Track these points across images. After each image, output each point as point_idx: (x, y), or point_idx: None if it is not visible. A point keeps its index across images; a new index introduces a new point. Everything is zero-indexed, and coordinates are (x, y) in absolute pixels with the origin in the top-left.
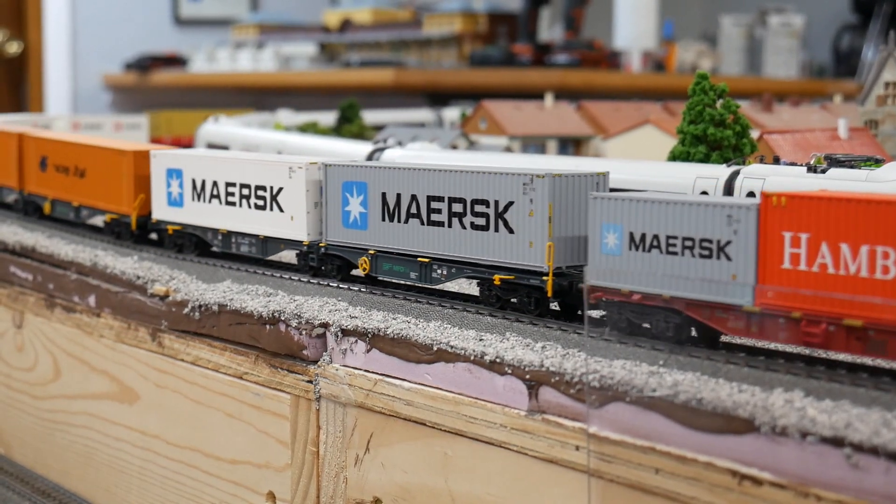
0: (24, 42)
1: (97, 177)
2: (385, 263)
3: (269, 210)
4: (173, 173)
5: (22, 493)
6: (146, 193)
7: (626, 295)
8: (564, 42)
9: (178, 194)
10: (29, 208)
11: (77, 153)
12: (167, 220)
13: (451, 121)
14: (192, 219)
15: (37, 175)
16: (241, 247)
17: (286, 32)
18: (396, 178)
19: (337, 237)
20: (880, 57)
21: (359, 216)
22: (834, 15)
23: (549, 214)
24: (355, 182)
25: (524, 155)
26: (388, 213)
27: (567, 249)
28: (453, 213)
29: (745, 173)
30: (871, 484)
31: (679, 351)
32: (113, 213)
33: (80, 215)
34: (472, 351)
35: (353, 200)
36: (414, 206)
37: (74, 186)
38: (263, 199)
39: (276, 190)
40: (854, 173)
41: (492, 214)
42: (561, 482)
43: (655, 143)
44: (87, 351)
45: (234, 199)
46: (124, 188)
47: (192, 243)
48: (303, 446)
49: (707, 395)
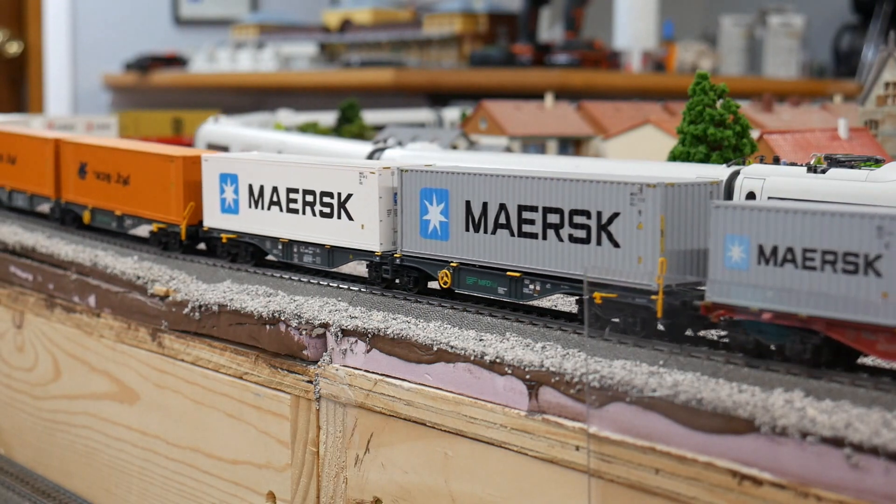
0: (24, 42)
1: (143, 184)
2: (469, 277)
3: (336, 218)
4: (227, 178)
5: (22, 493)
6: (196, 201)
7: (755, 313)
8: (564, 42)
9: (233, 201)
10: (66, 218)
11: (120, 159)
12: (220, 229)
13: (452, 121)
14: (249, 227)
15: (75, 182)
16: (303, 257)
17: (286, 32)
18: (483, 185)
19: (413, 248)
20: (880, 57)
21: (439, 226)
22: (834, 15)
23: (661, 227)
24: (435, 189)
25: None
26: (472, 223)
27: (678, 265)
28: (549, 224)
29: (745, 173)
30: (871, 484)
31: (679, 351)
32: (160, 223)
33: (124, 225)
34: (472, 351)
35: (433, 209)
36: (503, 216)
37: (117, 194)
38: (330, 207)
39: (345, 196)
40: (854, 173)
41: (593, 226)
42: (561, 482)
43: (655, 143)
44: (87, 351)
45: (297, 205)
46: (173, 195)
47: (248, 253)
48: (303, 446)
49: (707, 395)
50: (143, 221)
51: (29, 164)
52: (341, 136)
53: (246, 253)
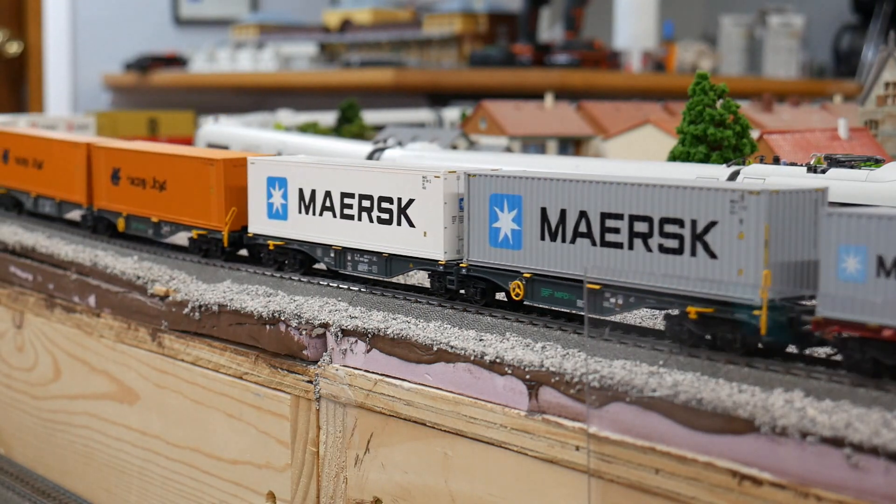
0: (24, 42)
1: (181, 189)
2: (544, 289)
3: (395, 224)
4: (275, 182)
5: (22, 493)
6: (239, 206)
7: (874, 330)
8: (564, 42)
9: (282, 206)
10: (99, 226)
11: (156, 163)
12: (267, 235)
13: (451, 121)
14: (298, 233)
15: (108, 189)
16: (358, 265)
17: (286, 32)
18: (562, 190)
19: (482, 257)
20: (880, 57)
21: (510, 234)
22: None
23: (765, 237)
24: (507, 195)
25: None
26: (549, 232)
27: (782, 278)
28: (636, 233)
29: (745, 173)
30: (871, 484)
31: (679, 351)
32: (200, 229)
33: (161, 232)
34: (472, 351)
35: (504, 216)
36: (583, 224)
37: (153, 200)
38: (389, 213)
39: (406, 202)
40: (854, 173)
41: (687, 236)
42: (561, 482)
43: (655, 143)
44: (87, 351)
45: (352, 211)
46: (214, 200)
47: (297, 260)
48: (303, 446)
49: (707, 395)
50: (182, 228)
51: (58, 170)
52: (341, 136)
53: (294, 261)
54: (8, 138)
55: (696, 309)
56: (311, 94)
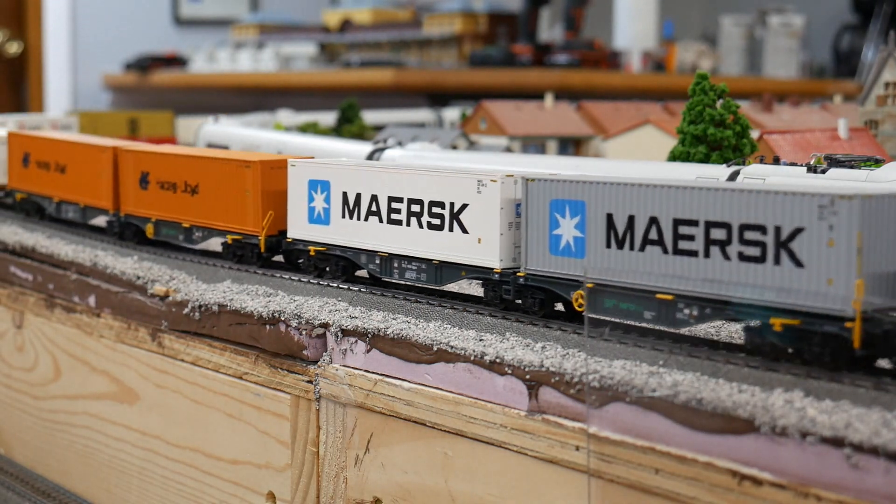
0: (24, 42)
1: (214, 193)
2: (608, 300)
3: (447, 230)
4: (317, 185)
5: (22, 493)
6: (276, 210)
7: None
8: (564, 42)
9: (324, 210)
10: (126, 232)
11: (187, 167)
12: (307, 240)
13: (451, 121)
14: (341, 238)
15: (136, 193)
16: (405, 273)
17: (286, 32)
18: (630, 196)
19: (541, 266)
20: (880, 57)
21: (573, 241)
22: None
23: (857, 245)
24: (569, 200)
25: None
26: (615, 239)
27: (876, 288)
28: (712, 240)
29: (745, 173)
30: (871, 484)
31: (679, 351)
32: (235, 234)
33: (192, 237)
34: (472, 351)
35: (566, 222)
36: (654, 231)
37: (185, 205)
38: (440, 218)
39: (459, 207)
40: (854, 173)
41: (770, 244)
42: (561, 482)
43: (655, 143)
44: (87, 351)
45: (400, 216)
46: (250, 204)
47: (339, 267)
48: (303, 446)
49: (707, 395)
50: (215, 233)
51: (82, 174)
52: (341, 136)
53: (336, 267)
54: (28, 142)
55: (781, 321)
56: (311, 94)
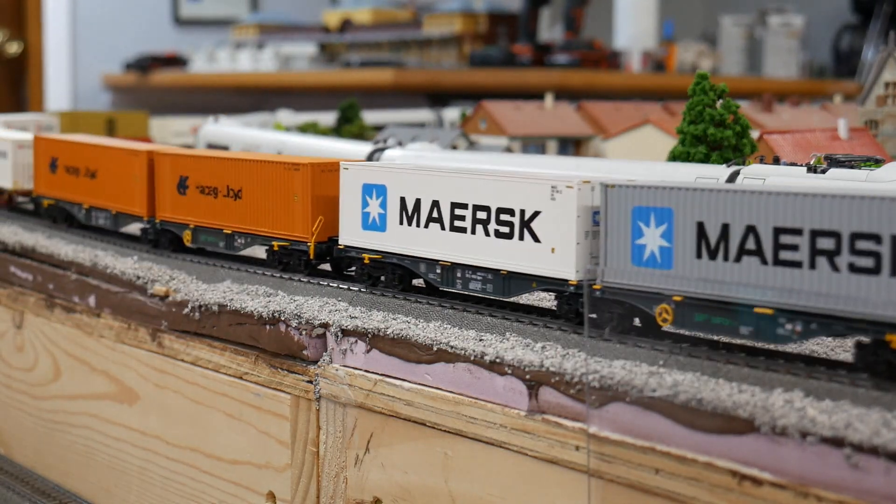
0: (24, 42)
1: (259, 197)
2: (699, 314)
3: (517, 239)
4: (372, 190)
5: (22, 493)
6: (326, 215)
7: None
8: (564, 42)
9: (379, 216)
10: (162, 239)
11: (231, 170)
12: (361, 248)
13: (451, 121)
14: (399, 246)
15: (173, 199)
16: (469, 283)
17: (286, 32)
18: (723, 203)
19: (622, 278)
20: (880, 57)
21: (658, 251)
22: (834, 15)
23: None
24: (654, 208)
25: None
26: (707, 249)
27: None
28: (819, 250)
29: (745, 173)
30: (871, 484)
31: (679, 351)
32: (282, 240)
33: (234, 244)
34: (472, 351)
35: (651, 231)
36: (751, 241)
37: (226, 210)
38: (509, 226)
39: (531, 214)
40: (854, 173)
41: (886, 254)
42: (561, 482)
43: (655, 143)
44: (87, 351)
45: (465, 223)
46: (298, 209)
47: (395, 276)
48: (303, 446)
49: (707, 395)
50: (260, 239)
51: (114, 180)
52: (341, 136)
53: (392, 276)
54: (56, 146)
55: None
56: (311, 94)
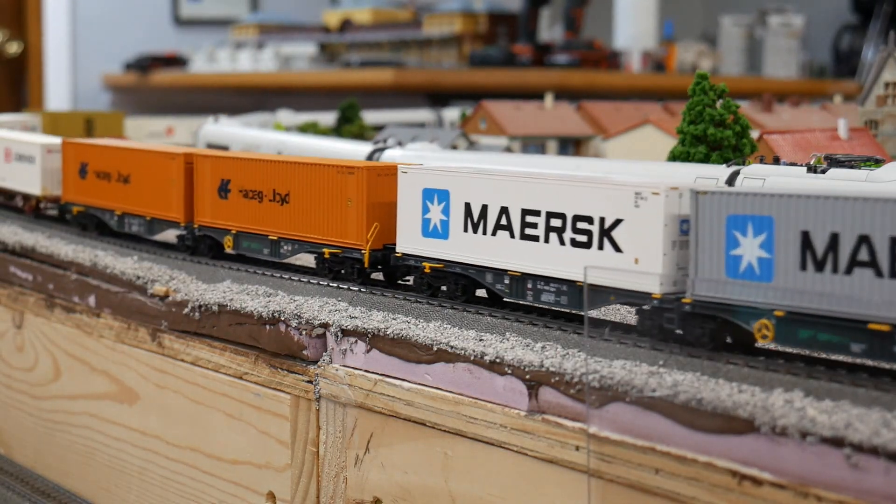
0: (24, 42)
1: (309, 202)
2: (803, 330)
3: (595, 248)
4: (434, 195)
5: (22, 493)
6: (382, 221)
7: None
8: (564, 42)
9: (441, 222)
10: (201, 245)
11: (278, 173)
12: (421, 256)
13: (451, 121)
14: (463, 255)
15: (213, 203)
16: (541, 295)
17: (286, 32)
18: (831, 211)
19: (714, 291)
20: (880, 57)
21: (756, 263)
22: (834, 15)
23: None
24: (752, 216)
25: None
26: (813, 261)
27: None
28: None
29: (745, 173)
30: (871, 484)
31: (679, 351)
32: (333, 247)
33: (280, 251)
34: (472, 351)
35: (748, 241)
36: (864, 252)
37: (272, 215)
38: (587, 234)
39: (611, 222)
40: (854, 173)
41: None
42: (561, 482)
43: (655, 143)
44: (87, 351)
45: (537, 231)
46: (352, 214)
47: (458, 286)
48: (303, 446)
49: (707, 395)
50: (308, 246)
51: (149, 184)
52: (341, 136)
53: (455, 286)
54: (85, 150)
55: None
56: (311, 94)
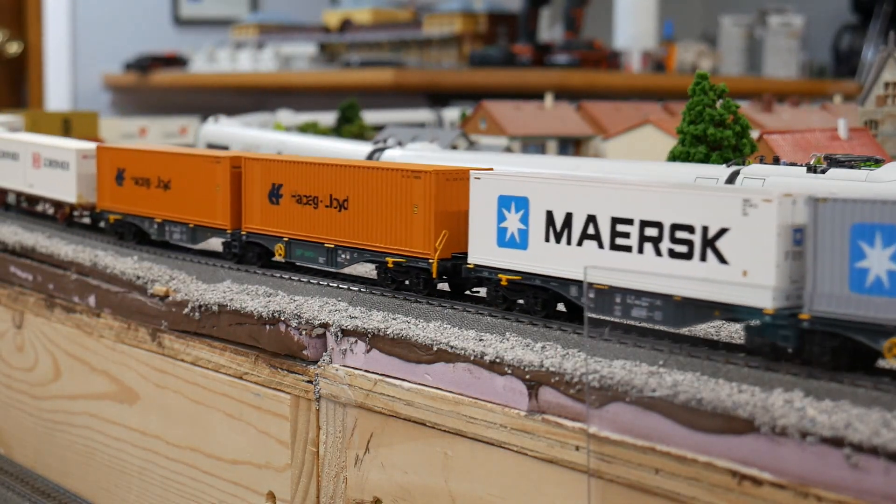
0: (24, 42)
1: (370, 208)
2: None
3: (697, 260)
4: (511, 202)
5: (22, 493)
6: (451, 228)
7: None
8: (564, 42)
9: (520, 231)
10: (249, 254)
11: (336, 178)
12: (496, 268)
13: (451, 121)
14: (544, 266)
15: (263, 209)
16: (631, 310)
17: (286, 32)
18: None
19: (836, 306)
20: (880, 57)
21: (886, 276)
22: (834, 15)
23: None
24: (883, 225)
25: None
26: None
27: None
28: None
29: (745, 173)
30: (871, 484)
31: (679, 351)
32: (397, 256)
33: (337, 260)
34: (472, 351)
35: (877, 253)
36: None
37: (329, 222)
38: (688, 245)
39: (716, 231)
40: (854, 173)
41: None
42: (561, 482)
43: (655, 143)
44: (87, 351)
45: (629, 241)
46: (418, 222)
47: (538, 300)
48: (303, 446)
49: (707, 395)
50: (368, 254)
51: (192, 190)
52: (341, 136)
53: (534, 300)
54: (122, 155)
55: None
56: (311, 94)
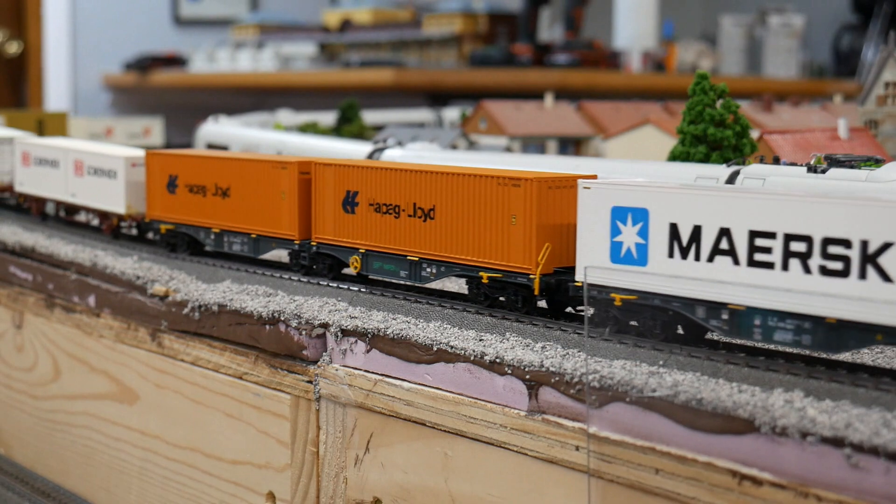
0: (24, 42)
1: (460, 218)
2: None
3: (855, 278)
4: (627, 214)
5: (22, 493)
6: (554, 241)
7: None
8: (564, 42)
9: (637, 246)
10: (319, 265)
11: (420, 185)
12: (609, 286)
13: (451, 121)
14: (668, 285)
15: (336, 218)
16: (774, 333)
17: (286, 32)
18: None
19: None
20: (880, 57)
21: None
22: (834, 15)
23: None
24: None
25: None
26: None
27: None
28: None
29: (745, 173)
30: (871, 484)
31: (679, 351)
32: (493, 270)
33: (422, 273)
34: (472, 351)
35: None
36: None
37: (413, 232)
38: (843, 261)
39: (878, 246)
40: (854, 173)
41: None
42: (561, 482)
43: (655, 143)
44: (87, 351)
45: (770, 257)
46: (517, 233)
47: (659, 322)
48: (303, 446)
49: (707, 395)
50: (458, 268)
51: (254, 197)
52: (341, 136)
53: (654, 322)
54: (174, 162)
55: None
56: (311, 94)
